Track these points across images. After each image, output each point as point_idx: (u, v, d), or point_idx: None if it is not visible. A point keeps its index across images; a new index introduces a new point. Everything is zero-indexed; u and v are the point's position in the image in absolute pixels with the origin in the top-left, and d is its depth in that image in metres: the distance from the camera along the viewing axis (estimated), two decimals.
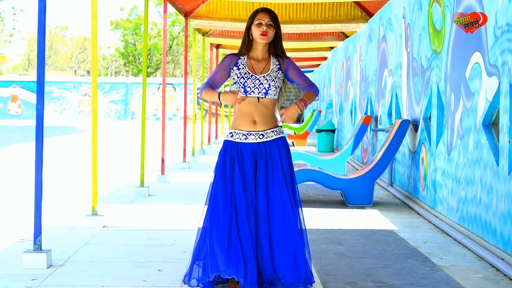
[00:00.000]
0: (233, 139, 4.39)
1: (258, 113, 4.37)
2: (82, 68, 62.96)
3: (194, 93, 14.54)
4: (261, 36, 4.34)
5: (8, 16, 74.88)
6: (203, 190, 9.10)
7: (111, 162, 13.59)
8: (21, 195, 8.74)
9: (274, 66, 4.43)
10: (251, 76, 4.36)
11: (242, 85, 4.37)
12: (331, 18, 12.51)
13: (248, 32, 4.42)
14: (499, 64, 5.09)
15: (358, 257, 5.28)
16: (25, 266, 4.77)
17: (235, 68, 4.42)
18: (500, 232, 5.01)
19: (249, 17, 4.42)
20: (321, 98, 24.06)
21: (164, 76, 10.09)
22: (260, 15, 4.36)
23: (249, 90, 4.35)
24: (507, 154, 4.89)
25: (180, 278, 4.56)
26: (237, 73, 4.40)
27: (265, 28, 4.33)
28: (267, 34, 4.34)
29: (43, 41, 4.83)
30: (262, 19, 4.34)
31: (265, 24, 4.33)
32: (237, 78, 4.39)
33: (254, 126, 4.37)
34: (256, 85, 4.35)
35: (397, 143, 7.94)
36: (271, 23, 4.35)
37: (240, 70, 4.40)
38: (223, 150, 4.40)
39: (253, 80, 4.35)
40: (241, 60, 4.43)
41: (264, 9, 4.41)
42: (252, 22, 4.38)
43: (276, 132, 4.43)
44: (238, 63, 4.42)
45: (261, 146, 4.37)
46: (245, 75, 4.38)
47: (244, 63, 4.42)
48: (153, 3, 53.87)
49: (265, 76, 4.37)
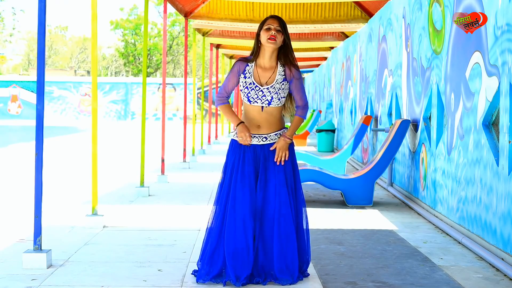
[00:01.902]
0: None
1: (263, 119, 4.48)
2: (82, 68, 62.97)
3: (194, 93, 14.54)
4: (269, 40, 4.39)
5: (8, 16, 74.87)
6: (203, 190, 9.10)
7: (111, 162, 13.59)
8: (21, 195, 8.74)
9: (280, 76, 4.47)
10: (255, 87, 4.43)
11: (246, 95, 4.46)
12: (331, 18, 12.51)
13: (257, 39, 4.50)
14: (499, 64, 5.09)
15: (358, 257, 5.28)
16: (25, 266, 4.77)
17: (242, 76, 4.49)
18: (500, 232, 5.01)
19: (260, 24, 4.49)
20: (321, 98, 24.07)
21: (164, 76, 10.10)
22: (270, 20, 4.45)
23: (253, 100, 4.45)
24: (507, 154, 4.89)
25: (180, 278, 4.56)
26: (243, 81, 4.48)
27: (273, 33, 4.39)
28: (275, 39, 4.39)
29: (43, 41, 4.83)
30: (271, 24, 4.42)
31: (273, 29, 4.40)
32: (243, 87, 4.49)
33: (258, 130, 4.48)
34: (259, 96, 4.44)
35: (397, 143, 7.94)
36: (279, 28, 4.42)
37: (246, 79, 4.47)
38: (232, 150, 4.50)
39: (257, 91, 4.43)
40: (248, 68, 4.48)
41: (273, 16, 4.50)
42: (261, 28, 4.46)
43: (280, 135, 4.51)
44: (245, 71, 4.48)
45: (264, 148, 4.46)
46: (249, 85, 4.45)
47: (251, 71, 4.47)
48: (153, 3, 53.88)
49: (268, 88, 4.44)
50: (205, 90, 38.15)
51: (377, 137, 10.73)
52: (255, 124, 4.48)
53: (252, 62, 4.49)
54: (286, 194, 4.38)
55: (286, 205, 4.37)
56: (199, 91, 37.96)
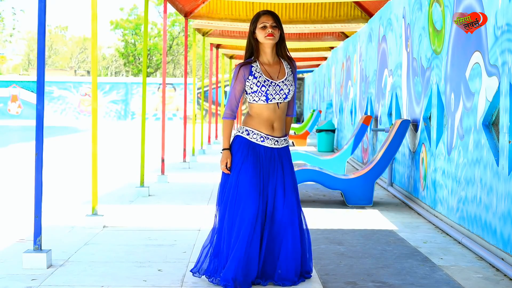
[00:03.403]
0: (249, 137, 4.38)
1: (277, 118, 4.39)
2: (82, 68, 62.96)
3: (194, 93, 14.54)
4: (267, 37, 4.30)
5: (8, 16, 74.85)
6: (203, 190, 9.10)
7: (111, 162, 13.59)
8: (21, 195, 8.74)
9: (288, 70, 4.43)
10: (271, 83, 4.33)
11: (264, 93, 4.33)
12: (331, 18, 12.51)
13: (252, 37, 4.38)
14: (499, 64, 5.10)
15: (358, 257, 5.28)
16: (25, 266, 4.77)
17: (251, 77, 4.34)
18: (500, 232, 5.01)
19: (251, 22, 4.39)
20: (321, 98, 24.06)
21: (164, 76, 10.10)
22: (263, 18, 4.34)
23: (271, 97, 4.34)
24: (507, 154, 4.89)
25: (180, 278, 4.56)
26: (255, 81, 4.33)
27: (270, 30, 4.30)
28: (273, 35, 4.31)
29: (43, 41, 4.83)
30: (266, 22, 4.32)
31: (269, 26, 4.31)
32: (257, 86, 4.33)
33: (272, 131, 4.38)
34: (277, 91, 4.35)
35: (397, 143, 7.94)
36: (275, 24, 4.33)
37: (258, 78, 4.34)
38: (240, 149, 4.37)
39: (274, 87, 4.34)
40: (254, 68, 4.36)
41: (266, 11, 4.38)
42: (255, 26, 4.35)
43: (286, 141, 4.49)
44: (252, 72, 4.35)
45: (274, 151, 4.40)
46: (265, 82, 4.33)
47: (258, 70, 4.36)
48: (153, 3, 53.88)
49: (283, 81, 4.37)
50: (205, 90, 38.14)
51: (377, 137, 10.73)
52: (270, 124, 4.37)
53: (255, 62, 4.38)
54: (294, 199, 4.37)
55: (294, 209, 4.35)
56: (199, 91, 37.95)
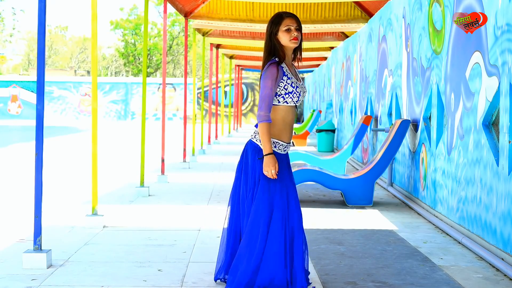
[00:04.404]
0: (276, 149, 4.23)
1: (293, 121, 4.33)
2: (82, 68, 62.98)
3: (194, 93, 14.54)
4: (293, 41, 4.20)
5: (8, 16, 74.88)
6: (203, 190, 9.11)
7: (111, 162, 13.59)
8: (21, 195, 8.74)
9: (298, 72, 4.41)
10: (299, 85, 4.26)
11: (298, 95, 4.24)
12: (331, 18, 12.51)
13: (275, 37, 4.24)
14: (499, 64, 5.10)
15: (358, 257, 5.28)
16: (25, 266, 4.77)
17: (285, 77, 4.21)
18: (500, 232, 5.01)
19: (273, 22, 4.25)
20: (321, 98, 24.06)
21: (164, 76, 10.10)
22: (287, 21, 4.21)
23: (300, 98, 4.27)
24: (507, 154, 4.89)
25: (180, 278, 4.56)
26: (289, 82, 4.20)
27: (295, 34, 4.21)
28: (298, 39, 4.22)
29: (43, 41, 4.83)
30: (290, 25, 4.20)
31: (294, 30, 4.21)
32: (292, 87, 4.20)
33: (289, 138, 4.30)
34: (302, 93, 4.29)
35: (397, 143, 7.94)
36: (298, 27, 4.24)
37: (291, 79, 4.22)
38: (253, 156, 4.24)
39: (302, 88, 4.28)
40: (285, 68, 4.24)
41: (289, 14, 4.27)
42: (278, 28, 4.22)
43: None
44: (285, 72, 4.22)
45: (287, 157, 4.35)
46: (295, 84, 4.24)
47: (287, 71, 4.24)
48: (153, 3, 53.89)
49: (302, 83, 4.34)
50: (205, 90, 38.14)
51: (377, 137, 10.73)
52: (291, 128, 4.29)
53: (282, 63, 4.24)
54: (299, 204, 4.34)
55: (300, 215, 4.31)
56: (199, 91, 37.94)
